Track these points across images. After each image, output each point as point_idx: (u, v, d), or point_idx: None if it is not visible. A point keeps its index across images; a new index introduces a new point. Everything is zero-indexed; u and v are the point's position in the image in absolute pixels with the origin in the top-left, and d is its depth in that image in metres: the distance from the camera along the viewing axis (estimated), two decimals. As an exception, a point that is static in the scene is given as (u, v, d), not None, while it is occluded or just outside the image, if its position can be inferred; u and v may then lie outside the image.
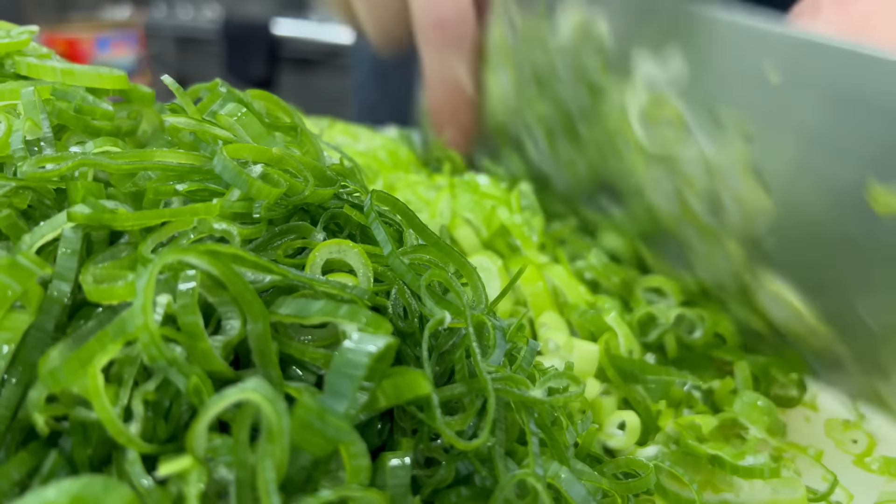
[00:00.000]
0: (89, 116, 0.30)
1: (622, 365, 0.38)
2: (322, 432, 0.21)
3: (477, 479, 0.27)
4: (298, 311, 0.24)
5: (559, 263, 0.43)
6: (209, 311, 0.25)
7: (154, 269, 0.22)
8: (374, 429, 0.26)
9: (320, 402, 0.21)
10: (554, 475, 0.26)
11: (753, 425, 0.35)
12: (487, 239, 0.43)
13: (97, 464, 0.23)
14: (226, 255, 0.24)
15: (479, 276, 0.30)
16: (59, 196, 0.28)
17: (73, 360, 0.21)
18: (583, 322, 0.40)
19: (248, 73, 2.83)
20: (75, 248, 0.24)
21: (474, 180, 0.48)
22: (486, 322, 0.28)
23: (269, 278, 0.25)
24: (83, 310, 0.24)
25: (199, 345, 0.23)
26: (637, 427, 0.36)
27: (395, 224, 0.32)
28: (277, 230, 0.28)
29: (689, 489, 0.33)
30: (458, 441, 0.24)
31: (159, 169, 0.28)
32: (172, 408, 0.23)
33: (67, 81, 0.33)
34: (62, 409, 0.22)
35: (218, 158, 0.28)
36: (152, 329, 0.21)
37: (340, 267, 0.28)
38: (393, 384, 0.23)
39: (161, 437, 0.23)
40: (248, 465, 0.21)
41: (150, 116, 0.34)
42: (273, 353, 0.24)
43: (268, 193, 0.27)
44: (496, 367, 0.27)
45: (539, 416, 0.27)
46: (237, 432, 0.21)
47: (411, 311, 0.28)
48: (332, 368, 0.23)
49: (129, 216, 0.25)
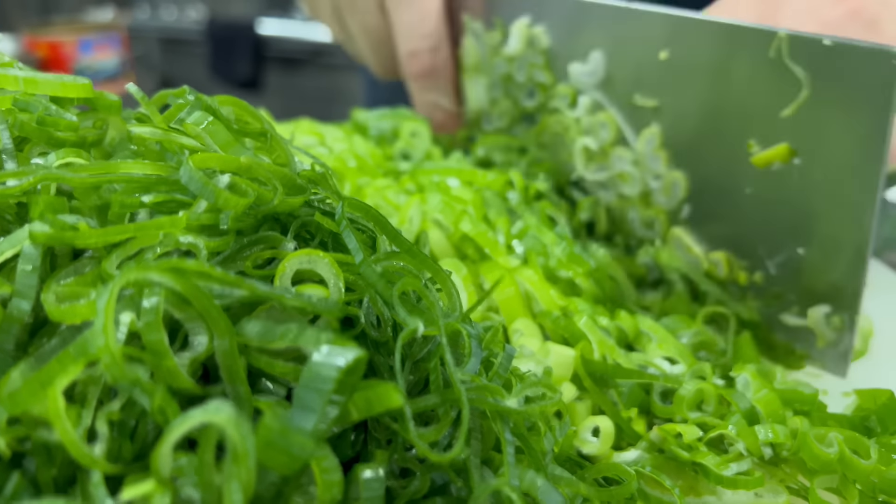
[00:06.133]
0: (52, 128, 0.30)
1: (595, 370, 0.38)
2: (287, 451, 0.20)
3: (453, 490, 0.26)
4: (263, 334, 0.23)
5: (529, 266, 0.43)
6: (176, 327, 0.24)
7: (114, 288, 0.21)
8: (348, 440, 0.26)
9: (283, 421, 0.20)
10: (530, 484, 0.25)
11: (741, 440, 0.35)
12: (457, 242, 0.43)
13: (62, 484, 0.22)
14: (190, 271, 0.23)
15: (454, 282, 0.30)
16: (20, 210, 0.27)
17: (34, 382, 0.21)
18: (556, 328, 0.40)
19: (234, 74, 2.82)
20: (35, 265, 0.24)
21: (444, 182, 0.48)
22: (460, 330, 0.28)
23: (237, 292, 0.25)
24: (45, 327, 0.24)
25: (164, 363, 0.22)
26: (611, 432, 0.36)
27: (368, 230, 0.32)
28: (246, 241, 0.28)
29: (670, 493, 0.32)
30: (431, 453, 0.24)
31: (124, 181, 0.27)
32: (138, 427, 0.22)
33: (30, 90, 0.32)
34: (24, 431, 0.22)
35: (184, 169, 0.27)
36: (114, 349, 0.21)
37: (311, 276, 0.28)
38: (364, 397, 0.23)
39: (127, 457, 0.22)
40: (213, 486, 0.20)
41: (116, 125, 0.34)
42: (241, 369, 0.23)
43: (235, 204, 0.27)
44: (471, 375, 0.26)
45: (515, 424, 0.27)
46: (202, 453, 0.20)
47: (384, 320, 0.28)
48: (301, 383, 0.22)
49: (93, 233, 0.24)
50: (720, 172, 0.47)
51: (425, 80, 0.63)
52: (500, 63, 0.61)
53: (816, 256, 0.44)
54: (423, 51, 0.61)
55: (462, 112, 0.67)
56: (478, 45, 0.62)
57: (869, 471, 0.33)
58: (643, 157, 0.52)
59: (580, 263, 0.45)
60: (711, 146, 0.47)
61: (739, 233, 0.48)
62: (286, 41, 2.78)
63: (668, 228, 0.52)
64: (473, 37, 0.62)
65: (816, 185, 0.42)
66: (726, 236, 0.49)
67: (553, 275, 0.44)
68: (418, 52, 0.62)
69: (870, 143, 0.39)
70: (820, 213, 0.43)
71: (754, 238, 0.47)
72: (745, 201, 0.46)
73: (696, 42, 0.45)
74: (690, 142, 0.49)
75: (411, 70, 0.63)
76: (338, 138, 0.55)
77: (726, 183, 0.47)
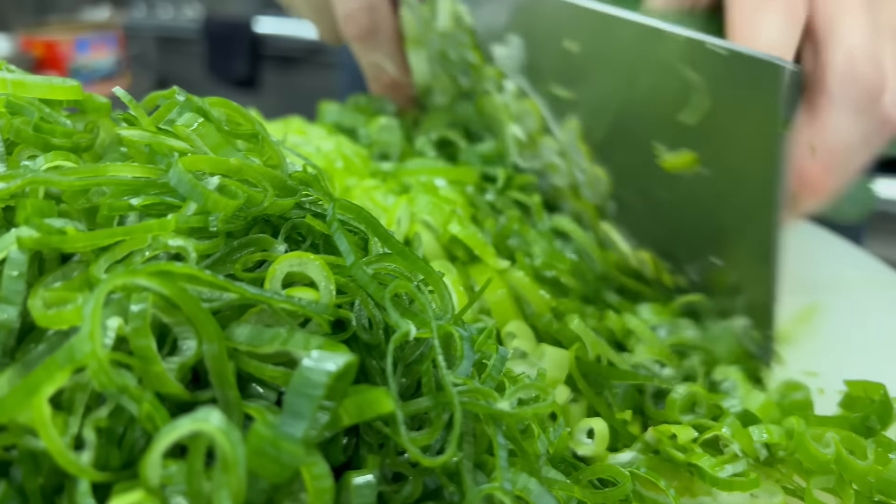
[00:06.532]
0: (49, 135, 0.30)
1: (589, 371, 0.38)
2: (277, 459, 0.20)
3: (445, 494, 0.26)
4: (252, 339, 0.23)
5: (518, 267, 0.43)
6: (165, 331, 0.24)
7: (100, 294, 0.21)
8: (339, 445, 0.26)
9: (273, 430, 0.20)
10: (523, 487, 0.25)
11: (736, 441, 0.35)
12: (446, 244, 0.42)
13: (49, 493, 0.22)
14: (179, 274, 0.23)
15: (446, 284, 0.30)
16: (7, 213, 0.27)
17: (20, 390, 0.21)
18: (548, 331, 0.40)
19: (231, 72, 2.81)
20: (22, 271, 0.23)
21: (432, 182, 0.47)
22: (453, 332, 0.28)
23: (226, 296, 0.24)
24: (33, 333, 0.24)
25: (152, 368, 0.22)
26: (606, 434, 0.36)
27: (360, 232, 0.31)
28: (236, 243, 0.27)
29: (665, 495, 0.32)
30: (423, 458, 0.24)
31: (113, 184, 0.27)
32: (126, 434, 0.22)
33: (19, 93, 0.32)
34: (11, 439, 0.22)
35: (173, 171, 0.27)
36: (100, 356, 0.21)
37: (302, 279, 0.27)
38: (355, 402, 0.23)
39: (115, 464, 0.22)
40: (203, 495, 0.20)
41: (106, 127, 0.33)
42: (230, 374, 0.23)
43: (225, 206, 0.27)
44: (463, 378, 0.26)
45: (507, 427, 0.26)
46: (191, 461, 0.20)
47: (376, 323, 0.28)
48: (291, 388, 0.22)
49: (81, 237, 0.24)
50: (636, 173, 0.45)
51: (364, 41, 0.62)
52: (434, 38, 0.59)
53: (729, 268, 0.43)
54: (358, 11, 0.60)
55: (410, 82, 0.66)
56: (413, 17, 0.60)
57: (866, 471, 0.33)
58: (567, 150, 0.50)
59: (561, 260, 0.44)
60: (626, 145, 0.45)
61: (660, 235, 0.46)
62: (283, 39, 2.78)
63: (596, 222, 0.51)
64: (408, 8, 0.60)
65: (721, 197, 0.40)
66: (650, 237, 0.47)
67: (539, 275, 0.43)
68: (354, 14, 0.61)
69: (766, 157, 0.37)
70: (727, 224, 0.41)
71: (673, 242, 0.46)
72: (660, 204, 0.45)
73: (604, 37, 0.43)
74: (607, 139, 0.47)
75: (349, 32, 0.62)
76: (323, 137, 0.54)
77: (642, 184, 0.45)
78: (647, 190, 0.45)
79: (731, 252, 0.42)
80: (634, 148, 0.44)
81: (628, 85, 0.43)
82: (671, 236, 0.45)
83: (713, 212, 0.41)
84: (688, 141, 0.41)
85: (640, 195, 0.46)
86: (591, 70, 0.45)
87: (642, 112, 0.43)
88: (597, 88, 0.45)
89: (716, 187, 0.40)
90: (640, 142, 0.44)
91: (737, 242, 0.41)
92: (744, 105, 0.37)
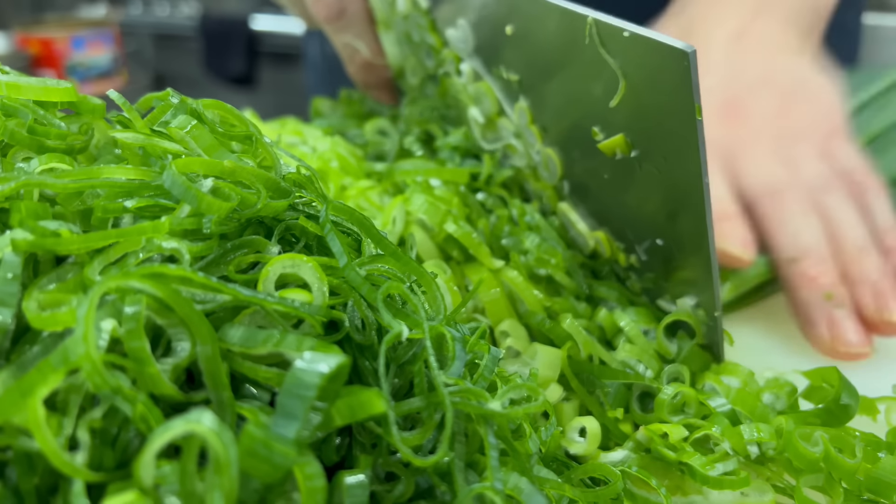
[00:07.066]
0: (44, 137, 0.30)
1: (582, 370, 0.38)
2: (269, 460, 0.20)
3: (437, 493, 0.26)
4: (245, 340, 0.24)
5: (512, 266, 0.43)
6: (159, 332, 0.24)
7: (94, 296, 0.21)
8: (332, 444, 0.26)
9: (265, 431, 0.20)
10: (514, 487, 0.25)
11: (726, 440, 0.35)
12: (441, 243, 0.43)
13: (44, 493, 0.22)
14: (172, 277, 0.23)
15: (439, 285, 0.30)
16: (1, 215, 0.27)
17: (14, 391, 0.21)
18: (541, 330, 0.40)
19: (228, 70, 2.81)
20: (16, 273, 0.24)
21: (427, 182, 0.47)
22: (445, 333, 0.28)
23: (219, 298, 0.25)
24: (28, 334, 0.24)
25: (146, 370, 0.22)
26: (598, 433, 0.36)
27: (354, 233, 0.32)
28: (230, 245, 0.28)
29: (657, 493, 0.33)
30: (415, 458, 0.24)
31: (107, 186, 0.27)
32: (120, 435, 0.22)
33: (13, 94, 0.32)
34: (6, 440, 0.22)
35: (167, 173, 0.27)
36: (95, 358, 0.21)
37: (295, 280, 0.28)
38: (347, 403, 0.23)
39: (109, 465, 0.22)
40: (196, 495, 0.20)
41: (101, 128, 0.34)
42: (223, 376, 0.23)
43: (218, 208, 0.27)
44: (455, 379, 0.27)
45: (499, 427, 0.27)
46: (184, 462, 0.20)
47: (369, 324, 0.28)
48: (284, 389, 0.22)
49: (75, 239, 0.24)
50: (581, 155, 0.46)
51: (333, 22, 0.63)
52: (398, 21, 0.60)
53: (672, 248, 0.43)
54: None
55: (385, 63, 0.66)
56: None
57: (854, 469, 0.33)
58: (521, 131, 0.50)
59: (552, 254, 0.44)
60: (569, 128, 0.45)
61: (610, 215, 0.47)
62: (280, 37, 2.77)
63: (555, 202, 0.51)
64: None
65: (654, 178, 0.41)
66: (602, 217, 0.48)
67: (533, 273, 0.44)
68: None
69: (686, 136, 0.37)
70: (663, 205, 0.41)
71: (621, 222, 0.46)
72: (605, 186, 0.45)
73: (533, 19, 0.43)
74: (553, 121, 0.47)
75: (319, 14, 0.63)
76: (319, 137, 0.55)
77: (588, 165, 0.46)
78: (593, 172, 0.45)
79: (671, 232, 0.42)
80: (576, 131, 0.45)
81: (561, 68, 0.43)
82: (619, 217, 0.46)
83: (651, 193, 0.42)
84: (618, 124, 0.41)
85: (588, 176, 0.46)
86: (528, 53, 0.45)
87: (577, 96, 0.43)
88: (535, 71, 0.46)
89: (647, 169, 0.41)
90: (579, 125, 0.44)
91: (675, 222, 0.41)
92: (658, 88, 0.37)
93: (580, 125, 0.44)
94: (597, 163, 0.44)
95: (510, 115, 0.51)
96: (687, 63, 0.34)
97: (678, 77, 0.35)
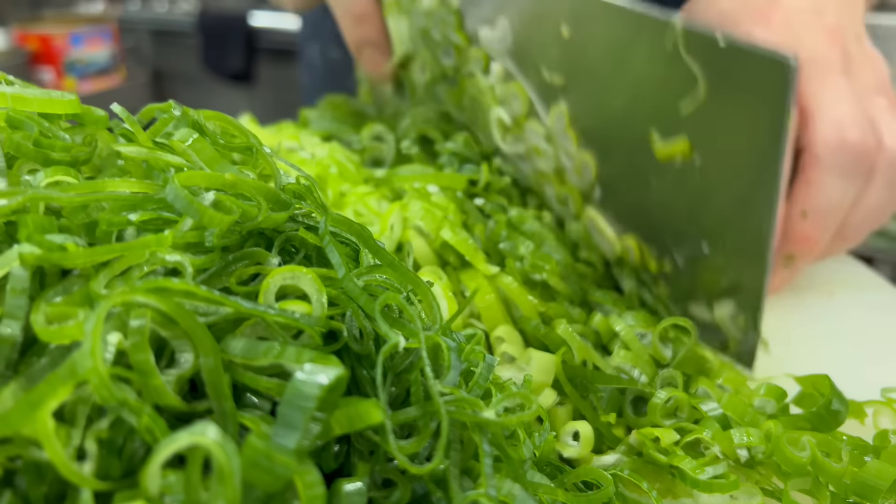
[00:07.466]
0: (49, 150, 0.30)
1: (575, 375, 0.39)
2: (270, 470, 0.21)
3: (433, 500, 0.27)
4: (247, 352, 0.24)
5: (508, 273, 0.44)
6: (162, 344, 0.25)
7: (101, 311, 0.22)
8: (331, 452, 0.27)
9: (267, 442, 0.21)
10: (507, 493, 0.26)
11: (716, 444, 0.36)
12: (437, 249, 0.43)
13: (52, 501, 0.23)
14: (176, 291, 0.24)
15: (434, 294, 0.30)
16: (8, 228, 0.28)
17: (23, 404, 0.21)
18: (536, 335, 0.41)
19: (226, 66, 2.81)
20: (24, 287, 0.24)
21: (424, 188, 0.48)
22: (440, 343, 0.29)
23: (222, 310, 0.25)
24: (35, 346, 0.25)
25: (151, 382, 0.23)
26: (591, 437, 0.37)
27: (352, 243, 0.32)
28: (231, 257, 0.28)
29: (648, 496, 0.33)
30: (411, 465, 0.25)
31: (111, 199, 0.28)
32: (125, 445, 0.23)
33: (18, 106, 0.33)
34: (16, 450, 0.23)
35: (170, 188, 0.28)
36: (102, 372, 0.21)
37: (294, 291, 0.28)
38: (346, 414, 0.24)
39: (115, 474, 0.23)
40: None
41: (104, 139, 0.34)
42: (226, 386, 0.24)
43: (220, 221, 0.27)
44: (450, 388, 0.27)
45: (493, 435, 0.28)
46: (189, 472, 0.21)
47: (366, 334, 0.29)
48: (285, 400, 0.23)
49: (81, 253, 0.25)
50: (626, 160, 0.46)
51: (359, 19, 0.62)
52: (418, 15, 0.59)
53: (719, 253, 0.43)
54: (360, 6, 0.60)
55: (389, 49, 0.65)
56: None
57: (841, 473, 0.34)
58: (554, 135, 0.50)
59: (546, 260, 0.45)
60: (617, 132, 0.45)
61: (647, 221, 0.47)
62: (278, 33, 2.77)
63: (581, 208, 0.51)
64: None
65: (716, 185, 0.41)
66: (636, 223, 0.48)
67: (528, 278, 0.44)
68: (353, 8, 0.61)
69: (767, 148, 0.37)
70: (721, 211, 0.41)
71: (661, 228, 0.46)
72: (650, 191, 0.45)
73: (598, 23, 0.43)
74: (597, 125, 0.47)
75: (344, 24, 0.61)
76: (317, 144, 0.55)
77: (632, 171, 0.46)
78: (637, 176, 0.45)
79: (723, 237, 0.42)
80: (626, 135, 0.45)
81: (622, 72, 0.43)
82: (659, 222, 0.46)
83: (705, 198, 0.42)
84: (682, 129, 0.41)
85: (629, 181, 0.46)
86: (583, 56, 0.45)
87: (637, 100, 0.43)
88: (588, 74, 0.46)
89: (710, 175, 0.41)
90: (632, 129, 0.44)
91: (730, 228, 0.42)
92: (746, 95, 0.37)
93: (632, 129, 0.44)
94: (643, 167, 0.44)
95: (542, 117, 0.50)
96: (788, 72, 0.34)
97: (775, 85, 0.35)
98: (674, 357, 0.42)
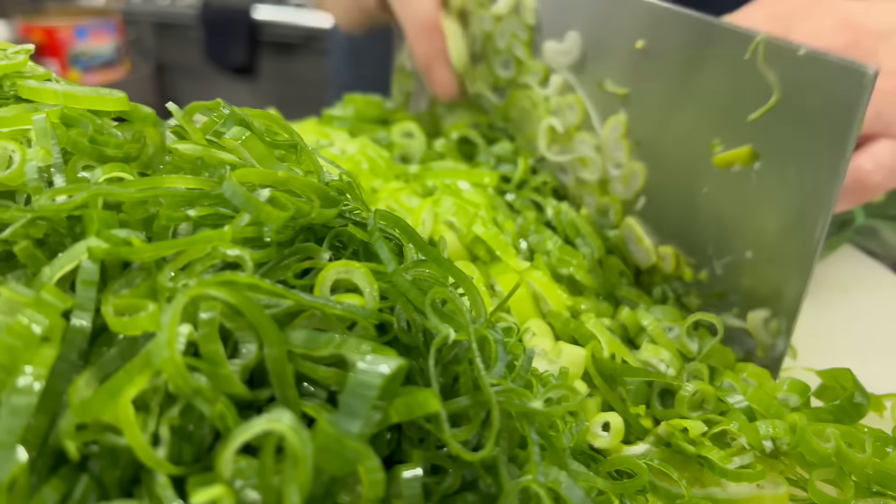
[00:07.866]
0: (104, 147, 0.31)
1: (605, 368, 0.40)
2: (341, 455, 0.22)
3: (482, 485, 0.28)
4: (308, 342, 0.25)
5: (537, 267, 0.45)
6: (226, 335, 0.26)
7: (178, 304, 0.23)
8: (384, 439, 0.28)
9: (338, 428, 0.22)
10: (554, 480, 0.27)
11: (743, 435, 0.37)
12: (468, 244, 0.44)
13: (125, 484, 0.24)
14: (243, 284, 0.25)
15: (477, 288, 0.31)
16: (70, 222, 0.29)
17: (104, 392, 0.22)
18: (566, 329, 0.42)
19: (228, 59, 2.81)
20: (94, 279, 0.25)
21: (455, 184, 0.49)
22: (487, 336, 0.30)
23: (283, 302, 0.26)
24: (103, 336, 0.26)
25: (220, 371, 0.24)
26: (621, 428, 0.38)
27: (395, 238, 0.33)
28: (286, 252, 0.29)
29: (678, 485, 0.35)
30: (465, 453, 0.26)
31: (169, 195, 0.29)
32: (195, 431, 0.24)
33: (69, 104, 0.34)
34: (92, 436, 0.24)
35: (227, 184, 0.29)
36: (178, 362, 0.22)
37: (345, 285, 0.29)
38: (405, 402, 0.25)
39: (186, 459, 0.24)
40: (273, 488, 0.22)
41: (152, 135, 0.35)
42: (290, 376, 0.25)
43: (276, 217, 0.28)
44: (498, 379, 0.28)
45: (539, 424, 0.29)
46: (263, 457, 0.22)
47: (415, 326, 0.30)
48: (347, 389, 0.24)
49: (146, 248, 0.26)
50: (680, 168, 0.47)
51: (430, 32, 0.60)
52: (486, 18, 0.59)
53: (763, 261, 0.44)
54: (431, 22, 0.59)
55: None
56: None
57: (864, 463, 0.35)
58: (606, 145, 0.52)
59: (573, 255, 0.46)
60: (674, 141, 0.47)
61: (691, 230, 0.48)
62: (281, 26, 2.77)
63: (621, 218, 0.52)
64: None
65: (773, 192, 0.42)
66: (678, 232, 0.49)
67: (556, 272, 0.45)
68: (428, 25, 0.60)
69: (831, 156, 0.38)
70: (772, 219, 0.43)
71: (705, 237, 0.47)
72: (700, 200, 0.46)
73: (675, 35, 0.45)
74: (654, 134, 0.48)
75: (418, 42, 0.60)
76: (346, 140, 0.56)
77: (684, 180, 0.47)
78: (689, 185, 0.47)
79: (770, 245, 0.43)
80: (684, 144, 0.46)
81: (691, 81, 0.45)
82: (704, 231, 0.47)
83: (758, 206, 0.43)
84: (747, 137, 0.42)
85: (679, 190, 0.48)
86: (652, 66, 0.47)
87: (702, 108, 0.44)
88: (655, 84, 0.47)
89: (767, 182, 0.42)
90: (692, 138, 0.45)
91: (779, 236, 0.43)
92: (817, 104, 0.38)
93: (691, 138, 0.45)
94: (697, 175, 0.45)
95: (596, 128, 0.52)
96: (865, 82, 0.36)
97: (849, 94, 0.36)
98: (700, 351, 0.44)
